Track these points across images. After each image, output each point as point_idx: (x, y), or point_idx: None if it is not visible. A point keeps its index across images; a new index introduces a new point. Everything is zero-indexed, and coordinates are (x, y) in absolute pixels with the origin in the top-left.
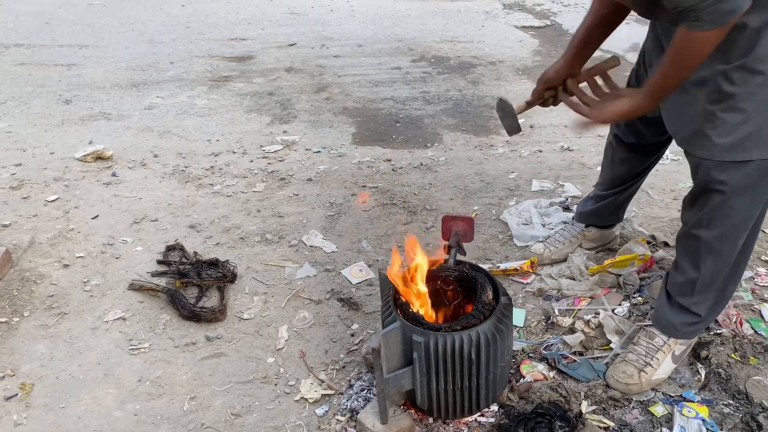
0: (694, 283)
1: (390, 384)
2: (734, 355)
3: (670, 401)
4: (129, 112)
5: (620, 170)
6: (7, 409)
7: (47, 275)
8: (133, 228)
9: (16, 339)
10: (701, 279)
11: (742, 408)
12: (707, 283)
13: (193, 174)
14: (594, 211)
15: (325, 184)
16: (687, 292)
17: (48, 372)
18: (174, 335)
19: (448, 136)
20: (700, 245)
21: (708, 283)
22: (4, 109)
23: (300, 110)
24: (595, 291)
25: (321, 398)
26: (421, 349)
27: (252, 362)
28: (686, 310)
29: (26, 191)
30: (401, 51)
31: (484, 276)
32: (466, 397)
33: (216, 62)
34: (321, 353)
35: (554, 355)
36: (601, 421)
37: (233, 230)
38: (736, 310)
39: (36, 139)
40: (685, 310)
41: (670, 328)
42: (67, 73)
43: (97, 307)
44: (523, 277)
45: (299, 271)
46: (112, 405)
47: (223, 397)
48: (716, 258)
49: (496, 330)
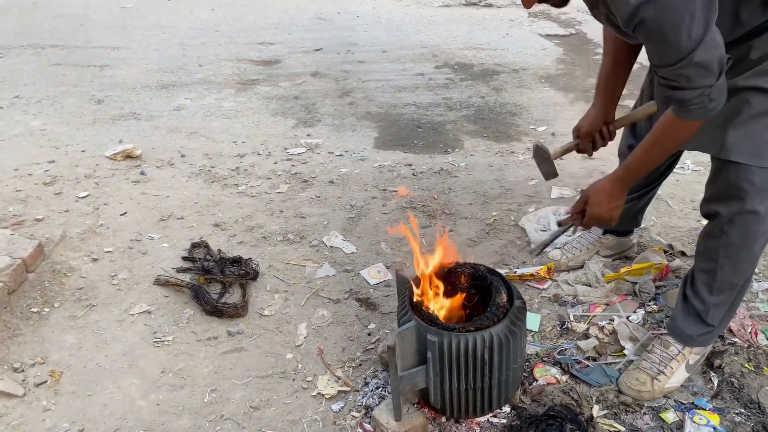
0: (710, 286)
1: (404, 382)
2: (748, 365)
3: (681, 408)
4: (158, 112)
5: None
6: (36, 395)
7: (77, 268)
8: (159, 225)
9: (47, 329)
10: (718, 282)
11: (753, 417)
12: (725, 286)
13: (219, 174)
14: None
15: (346, 187)
16: (703, 296)
17: (76, 361)
18: (197, 329)
19: (469, 142)
20: (719, 248)
21: (726, 286)
22: (39, 108)
23: (324, 114)
24: (611, 298)
25: (337, 394)
26: (435, 349)
27: (271, 357)
28: (701, 321)
29: (58, 187)
30: (425, 57)
31: (499, 279)
32: (478, 397)
33: (243, 66)
34: (338, 351)
35: (568, 359)
36: (612, 425)
37: (256, 229)
38: (752, 321)
39: (68, 138)
40: (701, 320)
41: (685, 337)
42: (99, 74)
43: (124, 300)
44: (540, 283)
45: (319, 271)
46: (135, 394)
47: (242, 391)
48: (734, 262)
49: (509, 332)
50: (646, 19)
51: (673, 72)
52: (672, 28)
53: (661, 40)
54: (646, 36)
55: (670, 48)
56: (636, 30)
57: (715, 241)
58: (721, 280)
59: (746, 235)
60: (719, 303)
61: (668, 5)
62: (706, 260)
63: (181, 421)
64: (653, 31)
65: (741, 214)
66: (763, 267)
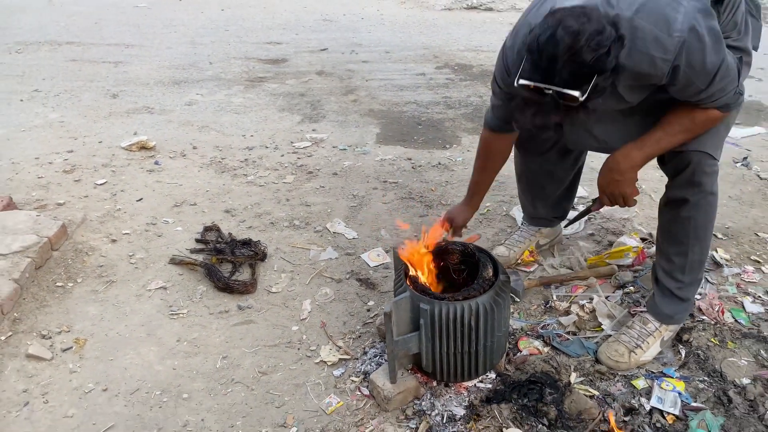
0: (683, 266)
1: (399, 346)
2: (714, 339)
3: (651, 376)
4: (171, 107)
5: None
6: (63, 358)
7: (97, 248)
8: (173, 210)
9: (71, 301)
10: (689, 262)
11: (715, 384)
12: (695, 264)
13: (229, 165)
14: (542, 216)
15: (349, 179)
16: (677, 276)
17: (98, 330)
18: (209, 304)
19: (467, 139)
20: (689, 231)
21: (696, 264)
22: (58, 101)
23: (329, 111)
24: (592, 281)
25: (338, 362)
26: (427, 316)
27: (278, 329)
28: (677, 298)
29: (78, 175)
30: (426, 58)
31: (486, 256)
32: (466, 362)
33: (252, 64)
34: (340, 324)
35: (550, 333)
36: (587, 390)
37: (264, 216)
38: (720, 301)
39: (86, 129)
40: (677, 298)
41: (665, 316)
42: (114, 70)
43: (141, 277)
44: (527, 267)
45: (323, 254)
46: (153, 360)
47: (251, 358)
48: (701, 240)
49: (494, 302)
50: (680, 65)
51: (707, 92)
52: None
53: (699, 72)
54: (683, 78)
55: (702, 76)
56: (673, 77)
57: (683, 226)
58: (692, 260)
59: (708, 215)
60: (693, 280)
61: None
62: (677, 244)
63: (195, 384)
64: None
65: (705, 197)
66: (734, 255)
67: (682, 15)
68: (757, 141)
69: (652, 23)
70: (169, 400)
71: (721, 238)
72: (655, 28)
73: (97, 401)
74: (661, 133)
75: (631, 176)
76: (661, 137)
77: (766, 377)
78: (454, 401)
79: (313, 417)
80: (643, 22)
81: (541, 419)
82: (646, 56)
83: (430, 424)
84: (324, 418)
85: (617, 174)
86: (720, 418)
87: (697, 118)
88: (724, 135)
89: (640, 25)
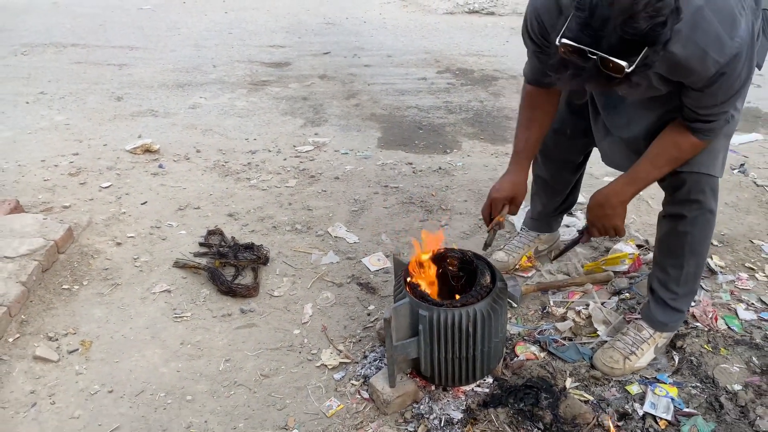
0: (678, 278)
1: (398, 351)
2: (707, 346)
3: (645, 382)
4: (175, 110)
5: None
6: (69, 360)
7: (103, 251)
8: (177, 214)
9: (77, 303)
10: (684, 275)
11: (707, 390)
12: (690, 277)
13: (232, 169)
14: (544, 222)
15: (350, 183)
16: (672, 287)
17: (104, 332)
18: (212, 307)
19: (467, 144)
20: (684, 246)
21: (691, 277)
22: (63, 104)
23: (331, 115)
24: (588, 287)
25: (339, 365)
26: (425, 322)
27: (280, 333)
28: (671, 308)
29: (83, 178)
30: (428, 62)
31: (484, 263)
32: (463, 367)
33: (255, 67)
34: (340, 328)
35: (546, 338)
36: (582, 395)
37: (267, 220)
38: (713, 308)
39: (91, 132)
40: (671, 308)
41: (659, 323)
42: (118, 73)
43: (146, 280)
44: (525, 272)
45: (324, 258)
46: (158, 362)
47: (254, 361)
48: (697, 255)
49: (491, 309)
50: (726, 73)
51: (719, 109)
52: (736, 77)
53: (730, 86)
54: (719, 86)
55: (729, 90)
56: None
57: (680, 240)
58: (687, 272)
59: (705, 232)
60: (687, 292)
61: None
62: (673, 257)
63: (198, 386)
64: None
65: (702, 214)
66: (729, 262)
67: (744, 20)
68: (755, 147)
69: (719, 19)
70: (173, 401)
71: (716, 245)
72: (720, 26)
73: (102, 402)
74: (649, 166)
75: (621, 210)
76: (650, 171)
77: (757, 383)
78: (452, 405)
79: (314, 420)
80: (711, 13)
81: (536, 423)
82: (701, 52)
83: (428, 427)
84: (324, 420)
85: (608, 209)
86: (711, 424)
87: (684, 147)
88: (722, 148)
89: (708, 16)
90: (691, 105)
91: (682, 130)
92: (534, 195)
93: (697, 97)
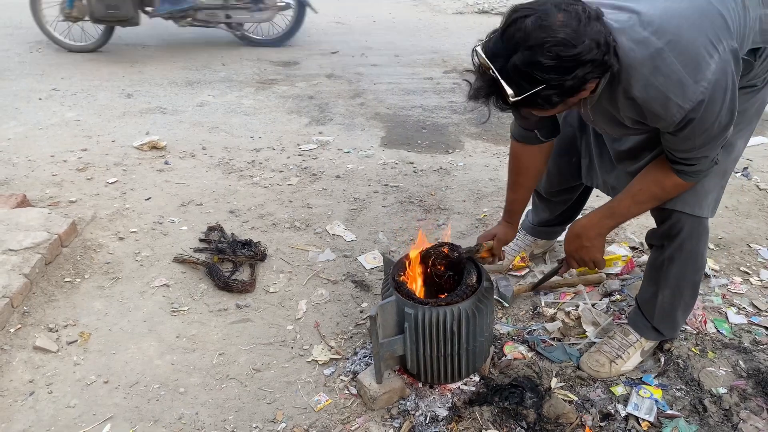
0: (653, 304)
1: (385, 348)
2: (694, 349)
3: (630, 383)
4: (183, 107)
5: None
6: (68, 351)
7: (105, 245)
8: (180, 210)
9: (78, 296)
10: (659, 304)
11: (692, 393)
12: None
13: (236, 166)
14: (543, 231)
15: (351, 181)
16: (650, 310)
17: (103, 325)
18: (209, 302)
19: (470, 144)
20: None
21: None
22: (74, 100)
23: (336, 114)
24: (580, 288)
25: (329, 361)
26: (411, 320)
27: (274, 328)
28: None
29: (90, 173)
30: (435, 62)
31: (471, 263)
32: (449, 365)
33: (263, 65)
34: (333, 325)
35: (534, 338)
36: (566, 395)
37: (267, 217)
38: (703, 311)
39: (100, 128)
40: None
41: (644, 330)
42: (129, 70)
43: (146, 274)
44: (519, 272)
45: (321, 255)
46: (153, 355)
47: (246, 355)
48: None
49: (476, 308)
50: (694, 119)
51: (698, 153)
52: (711, 123)
53: (703, 131)
54: (690, 131)
55: (707, 135)
56: (681, 128)
57: (657, 270)
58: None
59: (685, 270)
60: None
61: (719, 101)
62: (649, 283)
63: (191, 379)
64: (697, 127)
65: (681, 252)
66: (724, 265)
67: (715, 63)
68: (760, 151)
69: (682, 63)
70: (166, 393)
71: (712, 249)
72: (683, 70)
73: (98, 393)
74: (630, 201)
75: (599, 242)
76: (630, 206)
77: (742, 387)
78: (438, 402)
79: (302, 414)
80: (671, 57)
81: (520, 422)
82: (662, 97)
83: (413, 423)
84: (312, 415)
85: (586, 240)
86: (693, 426)
87: (667, 186)
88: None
89: (668, 60)
90: (669, 148)
91: (665, 169)
92: (533, 205)
93: (672, 140)
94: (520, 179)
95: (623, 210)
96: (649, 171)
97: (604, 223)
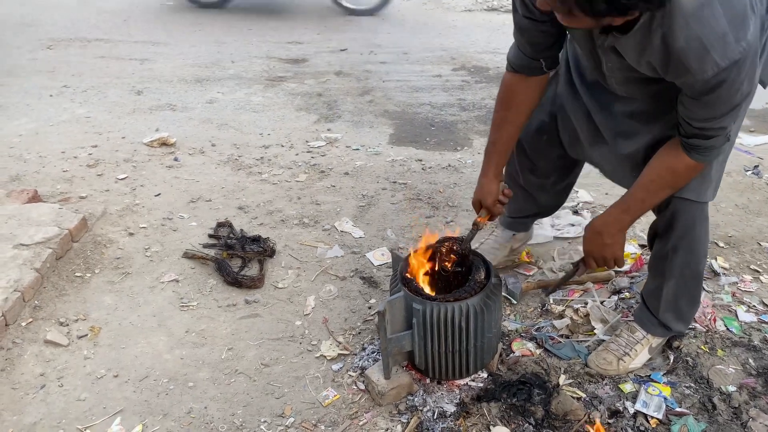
0: (659, 297)
1: (392, 343)
2: (704, 347)
3: (638, 381)
4: (192, 104)
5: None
6: (78, 345)
7: (115, 241)
8: (189, 206)
9: (88, 291)
10: (664, 296)
11: (701, 391)
12: (669, 298)
13: (245, 163)
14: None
15: (359, 178)
16: (655, 304)
17: (112, 319)
18: (218, 297)
19: (478, 141)
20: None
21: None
22: (85, 97)
23: (344, 111)
24: (589, 285)
25: (337, 357)
26: (419, 315)
27: (282, 324)
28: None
29: (101, 169)
30: (444, 60)
31: (479, 259)
32: (457, 361)
33: (273, 63)
34: (341, 320)
35: (543, 335)
36: (575, 392)
37: (276, 213)
38: (713, 309)
39: (110, 125)
40: (658, 320)
41: (650, 326)
42: (140, 67)
43: (156, 269)
44: (527, 270)
45: (329, 252)
46: (163, 349)
47: (255, 350)
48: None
49: (484, 304)
50: (725, 81)
51: (717, 123)
52: (737, 89)
53: (729, 97)
54: (717, 95)
55: (728, 101)
56: (708, 91)
57: (661, 262)
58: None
59: (687, 258)
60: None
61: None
62: (654, 276)
63: (200, 373)
64: (725, 91)
65: (685, 241)
66: (734, 264)
67: (753, 23)
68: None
69: (728, 17)
70: (175, 387)
71: (722, 247)
72: (729, 24)
73: (108, 386)
74: (644, 193)
75: (620, 239)
76: (645, 197)
77: (752, 385)
78: (446, 398)
79: (310, 409)
80: (721, 8)
81: (528, 419)
82: (702, 49)
83: (420, 419)
84: (320, 410)
85: (608, 237)
86: (702, 424)
87: (679, 169)
88: (715, 173)
89: (717, 12)
90: (687, 116)
91: (676, 152)
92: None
93: (693, 106)
94: (510, 115)
95: (638, 204)
96: (658, 159)
97: (622, 218)
